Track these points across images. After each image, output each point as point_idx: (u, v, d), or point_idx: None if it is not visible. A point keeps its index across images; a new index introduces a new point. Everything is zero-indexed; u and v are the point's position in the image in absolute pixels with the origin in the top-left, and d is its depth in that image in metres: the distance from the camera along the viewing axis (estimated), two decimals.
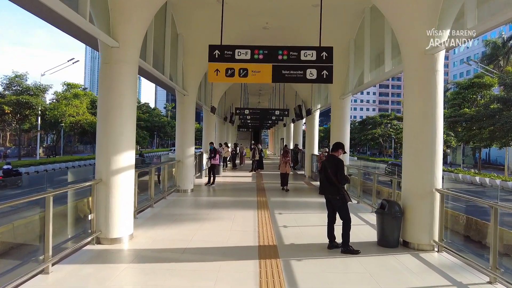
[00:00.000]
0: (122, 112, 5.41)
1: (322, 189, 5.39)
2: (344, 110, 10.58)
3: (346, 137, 10.61)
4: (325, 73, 5.37)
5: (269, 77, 5.36)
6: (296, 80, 5.38)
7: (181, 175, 10.44)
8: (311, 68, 5.38)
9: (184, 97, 10.49)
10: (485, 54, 45.15)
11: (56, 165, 32.19)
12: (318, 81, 5.39)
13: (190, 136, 10.67)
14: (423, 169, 5.36)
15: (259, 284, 3.95)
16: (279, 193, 10.60)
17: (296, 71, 5.36)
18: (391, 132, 59.93)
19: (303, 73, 5.37)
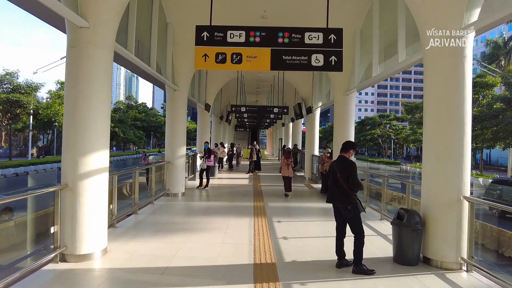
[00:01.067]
0: (92, 105, 4.56)
1: (330, 197, 4.55)
2: (349, 108, 9.75)
3: (351, 137, 9.78)
4: (333, 59, 4.54)
5: (267, 63, 4.52)
6: (300, 67, 4.54)
7: (171, 178, 9.58)
8: (317, 53, 4.54)
9: (175, 92, 9.64)
10: (486, 54, 44.55)
11: (47, 165, 31.24)
12: (325, 68, 4.55)
13: (181, 135, 9.82)
14: (448, 174, 4.53)
15: None
16: (278, 197, 9.77)
17: (299, 57, 4.52)
18: (391, 133, 59.25)
19: (308, 59, 4.53)
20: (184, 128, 9.98)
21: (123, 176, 8.06)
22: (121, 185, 7.95)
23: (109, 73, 4.82)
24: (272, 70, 4.52)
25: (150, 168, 8.72)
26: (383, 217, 7.16)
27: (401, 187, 17.34)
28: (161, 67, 8.73)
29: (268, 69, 4.52)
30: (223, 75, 14.57)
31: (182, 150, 9.85)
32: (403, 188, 16.53)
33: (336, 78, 9.83)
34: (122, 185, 7.96)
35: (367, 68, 8.63)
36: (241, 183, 13.01)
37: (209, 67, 4.60)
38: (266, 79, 17.40)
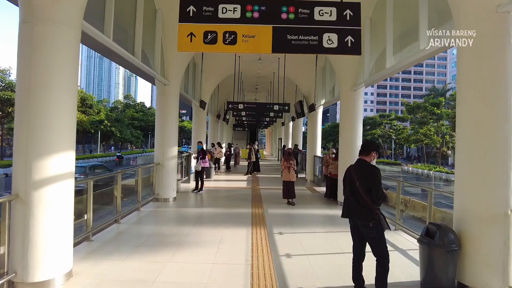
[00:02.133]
0: (52, 96, 3.68)
1: (347, 211, 3.67)
2: (356, 104, 8.88)
3: (358, 137, 8.91)
4: (349, 39, 3.67)
5: (267, 44, 3.65)
6: (308, 49, 3.67)
7: (161, 181, 8.70)
8: (329, 32, 3.67)
9: (165, 87, 8.76)
10: None
11: None
12: (340, 50, 3.68)
13: (172, 134, 8.93)
14: (491, 181, 3.67)
15: None
16: (278, 202, 8.89)
17: (307, 37, 3.65)
18: (391, 133, 58.50)
19: (318, 39, 3.66)
20: (176, 126, 9.10)
21: (105, 180, 7.17)
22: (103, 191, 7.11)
23: (74, 57, 3.94)
24: (274, 52, 3.64)
25: (136, 171, 7.83)
26: (398, 227, 6.30)
27: (407, 190, 16.38)
28: (149, 58, 7.85)
29: (269, 51, 3.64)
30: (220, 70, 13.69)
31: (174, 150, 8.96)
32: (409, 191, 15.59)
33: (342, 72, 8.96)
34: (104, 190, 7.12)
35: (377, 60, 7.75)
36: (239, 186, 12.13)
37: (196, 49, 3.72)
38: (265, 76, 16.53)
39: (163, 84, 8.72)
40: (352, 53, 3.68)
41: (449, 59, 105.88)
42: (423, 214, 11.66)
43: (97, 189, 8.49)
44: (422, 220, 11.57)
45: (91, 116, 48.10)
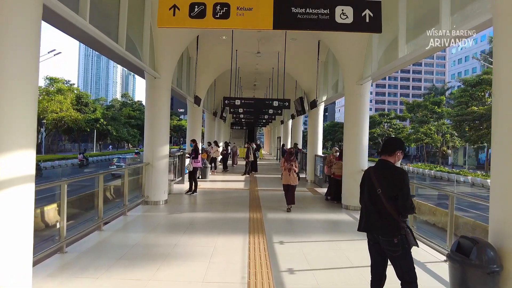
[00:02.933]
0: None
1: (365, 224, 2.99)
2: (363, 100, 8.22)
3: (365, 135, 8.27)
4: (367, 13, 2.99)
5: (267, 19, 2.96)
6: (317, 25, 2.99)
7: (151, 183, 8.01)
8: (343, 5, 2.98)
9: (155, 80, 8.06)
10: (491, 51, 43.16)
11: None
12: (356, 27, 3.02)
13: (162, 131, 8.24)
14: None
15: None
16: (278, 205, 8.23)
17: (316, 10, 2.97)
18: (391, 132, 57.92)
19: (329, 12, 2.97)
20: (167, 123, 8.40)
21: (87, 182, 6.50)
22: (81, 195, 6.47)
23: (34, 35, 3.24)
24: (275, 28, 2.97)
25: (123, 173, 7.13)
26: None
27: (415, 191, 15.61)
28: (137, 47, 7.15)
29: (269, 27, 2.96)
30: (216, 65, 13.00)
31: (164, 149, 8.27)
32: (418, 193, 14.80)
33: (347, 65, 8.30)
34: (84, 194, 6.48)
35: (387, 50, 7.08)
36: (236, 187, 11.45)
37: (180, 24, 3.03)
38: (264, 72, 15.84)
39: (153, 77, 8.03)
40: (371, 30, 3.03)
41: (447, 58, 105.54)
42: (433, 218, 11.03)
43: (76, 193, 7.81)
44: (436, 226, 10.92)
45: (86, 115, 47.23)
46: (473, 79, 33.42)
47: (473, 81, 32.98)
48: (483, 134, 30.95)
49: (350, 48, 8.12)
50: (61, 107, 41.53)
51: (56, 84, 42.95)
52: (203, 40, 10.90)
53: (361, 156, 8.21)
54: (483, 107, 32.12)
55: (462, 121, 32.87)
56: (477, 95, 33.20)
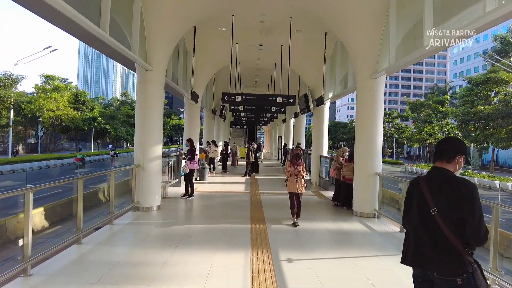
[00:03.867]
0: None
1: (414, 255, 2.17)
2: (377, 95, 7.43)
3: (379, 134, 7.48)
4: None
5: None
6: None
7: (141, 187, 7.23)
8: None
9: (147, 73, 7.27)
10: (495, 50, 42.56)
11: (26, 164, 28.78)
12: None
13: (155, 130, 7.44)
14: None
15: None
16: (282, 212, 7.44)
17: None
18: (393, 132, 57.17)
19: None
20: (160, 121, 7.60)
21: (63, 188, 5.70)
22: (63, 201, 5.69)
23: None
24: None
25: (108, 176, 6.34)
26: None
27: None
28: (125, 33, 6.36)
29: None
30: (215, 59, 12.20)
31: (157, 149, 7.47)
32: None
33: (360, 57, 7.50)
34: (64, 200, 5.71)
35: (406, 39, 6.29)
36: (236, 190, 10.65)
37: None
38: (265, 68, 15.05)
39: (144, 69, 7.24)
40: None
41: (449, 58, 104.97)
42: None
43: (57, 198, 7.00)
44: None
45: (83, 113, 46.40)
46: (479, 77, 32.57)
47: (479, 79, 32.14)
48: (489, 134, 30.16)
49: (362, 39, 7.33)
50: (58, 105, 40.73)
51: (53, 82, 42.11)
52: (201, 32, 10.10)
53: (375, 158, 7.42)
54: (489, 106, 31.33)
55: (468, 120, 32.07)
56: (483, 94, 32.40)
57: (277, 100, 8.95)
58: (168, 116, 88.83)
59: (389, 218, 7.00)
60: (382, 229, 6.50)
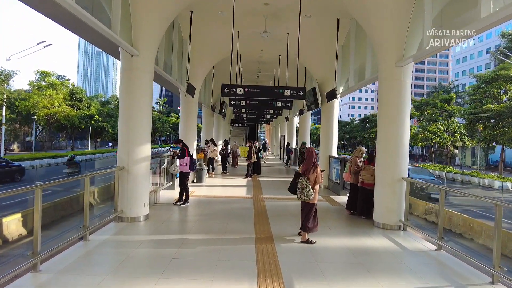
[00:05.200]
0: None
1: None
2: (404, 86, 6.31)
3: (405, 133, 6.38)
4: None
5: None
6: None
7: (126, 193, 6.12)
8: None
9: (133, 59, 6.15)
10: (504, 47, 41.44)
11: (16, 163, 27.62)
12: None
13: (142, 126, 6.32)
14: None
15: None
16: (292, 222, 6.34)
17: None
18: None
19: None
20: (148, 115, 6.48)
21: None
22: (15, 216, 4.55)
23: None
24: None
25: (82, 181, 5.20)
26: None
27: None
28: (106, 10, 5.24)
29: None
30: (214, 49, 11.06)
31: (144, 149, 6.35)
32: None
33: (384, 42, 6.38)
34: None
35: (445, 13, 5.18)
36: (237, 194, 9.53)
37: None
38: (269, 61, 13.94)
39: (129, 55, 6.12)
40: None
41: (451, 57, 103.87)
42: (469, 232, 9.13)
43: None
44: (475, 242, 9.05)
45: (80, 111, 45.17)
46: (488, 75, 31.33)
47: (488, 77, 30.91)
48: (499, 134, 29.01)
49: (388, 21, 6.20)
50: (53, 102, 39.49)
51: (48, 78, 40.88)
52: (198, 18, 8.98)
53: (401, 160, 6.31)
54: (499, 105, 30.19)
55: (476, 119, 30.93)
56: (492, 92, 31.24)
57: (284, 92, 7.80)
58: (167, 114, 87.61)
59: (418, 231, 5.90)
60: (414, 246, 5.39)
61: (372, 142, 60.59)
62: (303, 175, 5.32)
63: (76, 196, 5.85)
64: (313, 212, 5.36)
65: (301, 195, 5.18)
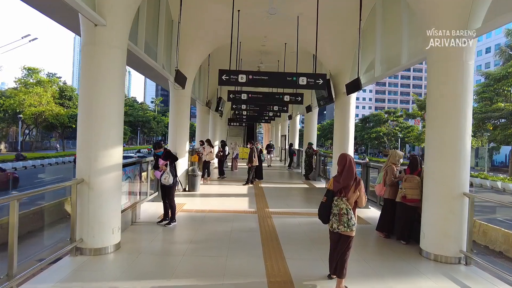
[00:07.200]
0: None
1: None
2: (465, 69, 4.66)
3: (467, 133, 4.72)
4: None
5: None
6: None
7: (87, 216, 4.42)
8: None
9: (97, 30, 4.45)
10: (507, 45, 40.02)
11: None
12: None
13: (110, 123, 4.60)
14: None
15: None
16: (313, 255, 4.69)
17: None
18: (397, 131, 54.63)
19: None
20: (118, 108, 4.76)
21: None
22: None
23: None
24: None
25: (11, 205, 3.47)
26: None
27: None
28: None
29: None
30: (209, 33, 9.35)
31: (114, 155, 4.63)
32: None
33: (439, 9, 4.71)
34: None
35: None
36: (237, 208, 7.82)
37: None
38: (272, 51, 12.27)
39: (92, 23, 4.41)
40: None
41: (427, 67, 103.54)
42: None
43: None
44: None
45: (70, 109, 43.18)
46: (498, 72, 29.86)
47: (499, 74, 29.45)
48: (509, 134, 27.60)
49: None
50: (40, 100, 37.52)
51: (35, 75, 38.88)
52: None
53: (462, 170, 4.66)
54: (509, 104, 28.78)
55: (486, 119, 29.48)
56: (502, 91, 29.78)
57: (299, 80, 6.09)
58: (163, 114, 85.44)
59: (487, 267, 4.26)
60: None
61: (373, 142, 59.20)
62: (339, 195, 3.65)
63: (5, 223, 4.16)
64: (351, 247, 3.70)
65: (340, 225, 3.51)
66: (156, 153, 6.15)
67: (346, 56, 8.98)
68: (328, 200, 3.68)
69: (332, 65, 9.56)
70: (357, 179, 3.64)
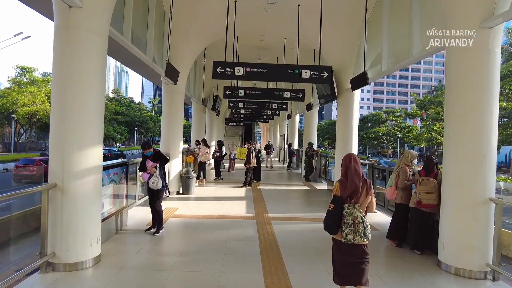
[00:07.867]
0: None
1: None
2: (492, 58, 4.13)
3: (493, 131, 4.18)
4: None
5: None
6: None
7: (60, 225, 3.84)
8: None
9: (71, 11, 3.87)
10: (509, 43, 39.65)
11: None
12: None
13: (88, 118, 4.02)
14: None
15: None
16: (318, 268, 4.15)
17: None
18: (396, 131, 54.22)
19: None
20: (98, 102, 4.17)
21: None
22: None
23: None
24: None
25: None
26: None
27: None
28: None
29: None
30: (204, 26, 8.78)
31: (92, 155, 4.05)
32: None
33: None
34: None
35: None
36: (234, 213, 7.24)
37: None
38: (271, 46, 11.70)
39: (65, 5, 3.83)
40: None
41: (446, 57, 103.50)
42: None
43: None
44: None
45: None
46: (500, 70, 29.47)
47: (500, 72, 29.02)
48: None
49: None
50: (34, 100, 36.74)
51: (29, 74, 38.12)
52: None
53: (488, 172, 4.12)
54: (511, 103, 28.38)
55: None
56: (504, 89, 29.33)
57: (302, 73, 5.53)
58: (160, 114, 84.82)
59: None
60: None
61: (371, 142, 58.71)
62: (349, 201, 3.08)
63: None
64: (369, 253, 3.14)
65: (356, 235, 2.95)
66: (145, 154, 5.57)
67: (350, 50, 8.43)
68: (336, 208, 3.09)
69: (335, 60, 9.01)
70: (368, 181, 3.09)
